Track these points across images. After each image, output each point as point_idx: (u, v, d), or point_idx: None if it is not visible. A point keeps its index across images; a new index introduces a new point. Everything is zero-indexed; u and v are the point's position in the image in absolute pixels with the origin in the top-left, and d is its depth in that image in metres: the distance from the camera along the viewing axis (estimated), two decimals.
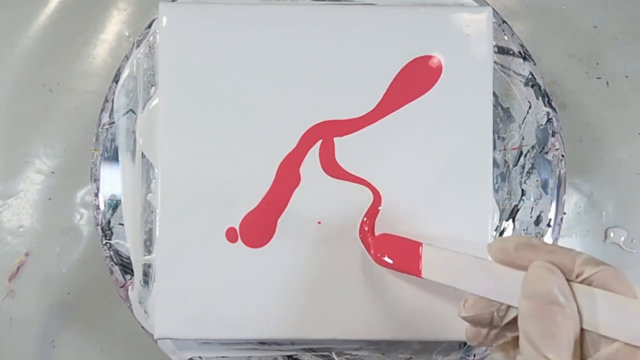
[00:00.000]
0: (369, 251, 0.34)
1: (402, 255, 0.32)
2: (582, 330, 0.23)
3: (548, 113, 0.38)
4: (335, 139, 0.35)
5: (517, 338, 0.25)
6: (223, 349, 0.38)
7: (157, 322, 0.34)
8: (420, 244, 0.31)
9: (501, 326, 0.26)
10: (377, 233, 0.35)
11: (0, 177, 0.41)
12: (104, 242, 0.38)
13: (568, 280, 0.23)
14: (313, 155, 0.35)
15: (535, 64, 0.38)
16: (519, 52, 0.38)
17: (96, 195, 0.38)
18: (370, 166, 0.35)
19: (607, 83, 0.42)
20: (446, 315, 0.34)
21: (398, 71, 0.35)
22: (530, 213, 0.38)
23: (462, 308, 0.27)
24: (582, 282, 0.23)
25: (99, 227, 0.38)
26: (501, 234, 0.38)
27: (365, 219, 0.35)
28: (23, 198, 0.41)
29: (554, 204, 0.38)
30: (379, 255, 0.33)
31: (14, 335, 0.40)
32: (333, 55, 0.35)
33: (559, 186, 0.38)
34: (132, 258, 0.37)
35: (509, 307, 0.25)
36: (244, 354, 0.38)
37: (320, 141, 0.35)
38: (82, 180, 0.41)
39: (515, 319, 0.25)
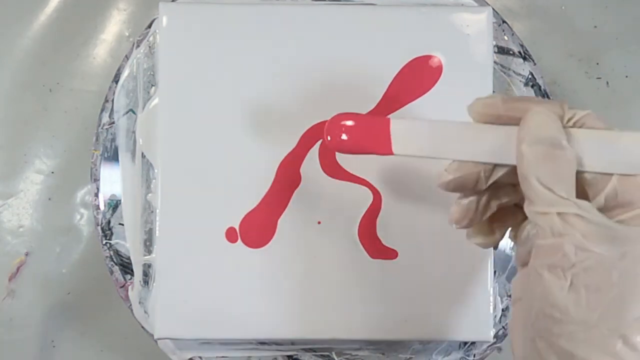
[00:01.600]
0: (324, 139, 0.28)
1: (366, 133, 0.27)
2: (577, 175, 0.23)
3: None
4: None
5: (494, 215, 0.26)
6: (223, 349, 0.38)
7: (157, 322, 0.34)
8: (388, 118, 0.27)
9: (485, 194, 0.26)
10: (379, 233, 0.35)
11: (0, 177, 0.41)
12: (104, 242, 0.38)
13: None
14: (313, 156, 0.35)
15: (535, 64, 0.38)
16: (519, 52, 0.38)
17: (96, 195, 0.38)
18: (370, 166, 0.35)
19: (607, 83, 0.42)
20: (446, 315, 0.35)
21: (398, 71, 0.35)
22: None
23: (444, 173, 0.26)
24: (574, 125, 0.24)
25: (99, 227, 0.38)
26: None
27: (364, 219, 0.35)
28: (23, 198, 0.41)
29: None
30: (332, 137, 0.27)
31: (14, 335, 0.40)
32: (333, 55, 0.35)
33: None
34: (132, 258, 0.37)
35: (494, 166, 0.25)
36: (244, 354, 0.38)
37: (320, 141, 0.35)
38: (82, 180, 0.41)
39: (497, 183, 0.26)
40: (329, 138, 0.27)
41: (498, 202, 0.27)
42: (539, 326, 0.24)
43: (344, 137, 0.27)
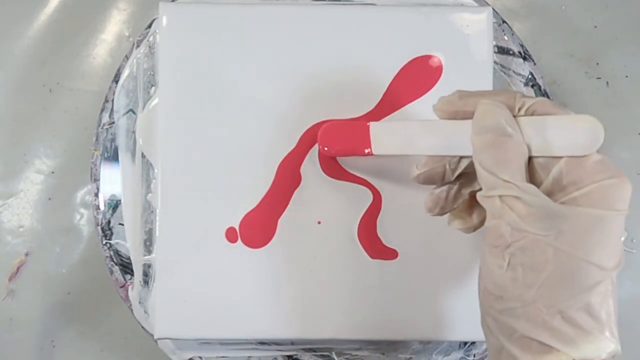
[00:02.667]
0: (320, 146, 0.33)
1: (351, 137, 0.31)
2: (531, 159, 0.25)
3: None
4: None
5: (471, 202, 0.28)
6: (223, 349, 0.38)
7: (157, 322, 0.34)
8: (367, 123, 0.31)
9: (456, 184, 0.28)
10: (378, 231, 0.35)
11: (0, 177, 0.41)
12: (104, 242, 0.38)
13: (513, 115, 0.25)
14: (313, 156, 0.35)
15: (535, 64, 0.38)
16: (519, 52, 0.38)
17: (96, 195, 0.38)
18: (370, 166, 0.35)
19: (607, 83, 0.42)
20: (446, 315, 0.35)
21: (398, 71, 0.35)
22: None
23: (414, 169, 0.28)
24: (524, 113, 0.25)
25: (99, 227, 0.38)
26: None
27: (364, 219, 0.35)
28: (23, 198, 0.41)
29: None
30: (325, 147, 0.33)
31: (14, 335, 0.40)
32: (333, 55, 0.35)
33: None
34: (132, 258, 0.37)
35: (460, 158, 0.27)
36: (244, 354, 0.38)
37: None
38: (82, 180, 0.41)
39: (467, 174, 0.27)
40: (324, 148, 0.32)
41: (470, 189, 0.28)
42: (485, 304, 0.25)
43: (332, 144, 0.32)
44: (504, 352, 0.24)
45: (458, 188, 0.28)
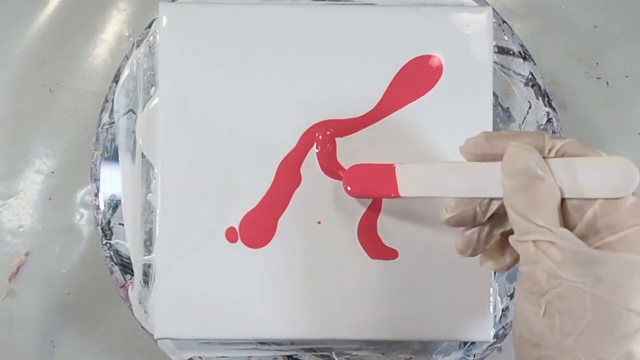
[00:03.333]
0: (343, 185, 0.34)
1: (377, 180, 0.31)
2: (563, 201, 0.24)
3: (548, 113, 0.38)
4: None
5: (503, 241, 0.28)
6: (223, 349, 0.38)
7: (157, 322, 0.34)
8: (393, 165, 0.31)
9: (487, 225, 0.28)
10: (378, 231, 0.35)
11: (0, 177, 0.41)
12: (104, 242, 0.38)
13: (543, 157, 0.25)
14: (313, 156, 0.35)
15: (535, 64, 0.38)
16: (519, 52, 0.38)
17: (96, 195, 0.38)
18: None
19: (607, 83, 0.42)
20: (446, 315, 0.35)
21: (398, 71, 0.35)
22: None
23: (444, 212, 0.28)
24: (555, 155, 0.25)
25: (99, 227, 0.38)
26: None
27: (364, 219, 0.35)
28: (23, 198, 0.41)
29: None
30: (351, 187, 0.33)
31: (14, 335, 0.40)
32: (333, 55, 0.35)
33: None
34: (132, 258, 0.37)
35: (490, 200, 0.27)
36: (244, 354, 0.38)
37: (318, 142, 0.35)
38: (82, 180, 0.41)
39: (498, 215, 0.27)
40: (348, 188, 0.33)
41: (502, 229, 0.28)
42: (522, 350, 0.25)
43: (358, 186, 0.33)
44: None
45: (489, 229, 0.28)
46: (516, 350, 0.25)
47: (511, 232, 0.25)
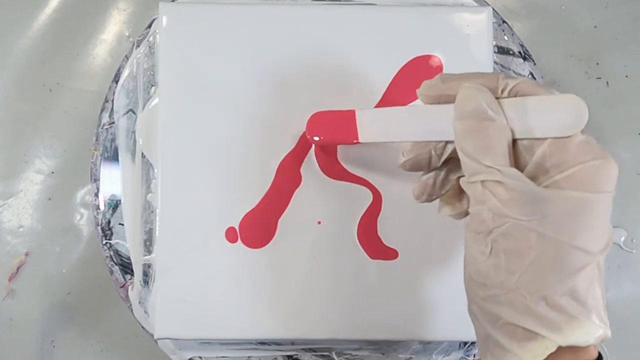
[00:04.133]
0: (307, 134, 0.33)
1: (338, 126, 0.31)
2: (515, 142, 0.24)
3: None
4: None
5: (460, 187, 0.27)
6: (223, 349, 0.38)
7: (157, 322, 0.34)
8: (354, 110, 0.30)
9: (443, 170, 0.27)
10: (379, 231, 0.35)
11: (0, 177, 0.41)
12: (104, 242, 0.38)
13: (496, 98, 0.24)
14: (313, 156, 0.35)
15: (535, 64, 0.38)
16: (519, 52, 0.38)
17: (96, 195, 0.38)
18: (370, 166, 0.35)
19: (607, 83, 0.42)
20: (446, 315, 0.35)
21: (398, 71, 0.35)
22: None
23: (401, 157, 0.28)
24: (508, 95, 0.24)
25: (99, 227, 0.38)
26: None
27: (364, 219, 0.35)
28: (23, 198, 0.41)
29: None
30: (314, 135, 0.32)
31: (14, 335, 0.40)
32: (333, 55, 0.35)
33: None
34: (132, 258, 0.37)
35: (445, 143, 0.26)
36: (244, 354, 0.38)
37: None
38: (82, 180, 0.41)
39: (454, 159, 0.27)
40: (313, 138, 0.32)
41: (458, 174, 0.28)
42: (470, 291, 0.25)
43: (320, 132, 0.32)
44: (490, 340, 0.24)
45: (445, 174, 0.28)
46: (466, 292, 0.25)
47: (462, 177, 0.25)
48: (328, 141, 0.32)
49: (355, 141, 0.30)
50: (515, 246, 0.23)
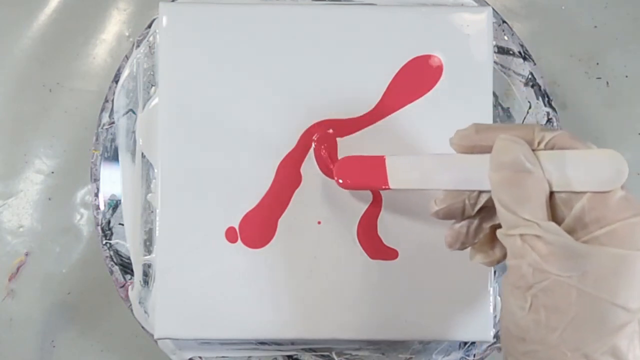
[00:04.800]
0: (333, 177, 0.33)
1: (367, 172, 0.31)
2: (552, 195, 0.24)
3: (548, 113, 0.38)
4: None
5: (492, 235, 0.27)
6: (223, 349, 0.38)
7: (157, 322, 0.34)
8: (384, 156, 0.30)
9: (477, 218, 0.27)
10: (379, 231, 0.35)
11: (0, 177, 0.41)
12: (104, 242, 0.38)
13: (532, 150, 0.24)
14: (313, 156, 0.35)
15: (535, 64, 0.38)
16: (519, 52, 0.38)
17: (96, 195, 0.38)
18: None
19: (607, 83, 0.42)
20: (446, 315, 0.35)
21: (397, 71, 0.35)
22: None
23: (433, 205, 0.27)
24: (544, 147, 0.24)
25: (99, 227, 0.38)
26: None
27: (364, 219, 0.35)
28: (23, 198, 0.41)
29: None
30: (342, 179, 0.32)
31: (14, 335, 0.40)
32: (333, 55, 0.35)
33: None
34: (132, 258, 0.37)
35: (479, 193, 0.26)
36: (244, 354, 0.38)
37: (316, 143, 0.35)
38: (82, 180, 0.41)
39: (487, 208, 0.27)
40: (340, 181, 0.32)
41: (491, 223, 0.27)
42: (508, 344, 0.24)
43: (348, 177, 0.32)
44: None
45: (479, 222, 0.28)
46: (503, 346, 0.25)
47: (500, 225, 0.25)
48: (357, 186, 0.32)
49: (385, 187, 0.30)
50: (556, 302, 0.23)
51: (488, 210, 0.27)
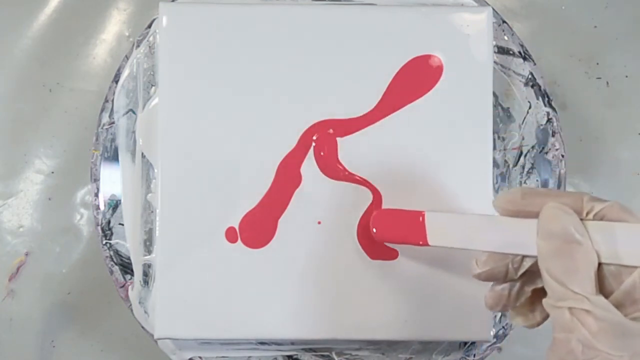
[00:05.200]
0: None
1: (405, 226, 0.31)
2: (600, 266, 0.23)
3: (548, 113, 0.38)
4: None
5: (533, 298, 0.27)
6: (223, 349, 0.38)
7: (157, 322, 0.34)
8: (422, 212, 0.30)
9: (518, 281, 0.27)
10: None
11: (0, 177, 0.41)
12: (104, 242, 0.38)
13: (581, 219, 0.24)
14: (314, 156, 0.35)
15: (535, 64, 0.38)
16: (519, 52, 0.38)
17: (96, 195, 0.38)
18: (370, 166, 0.35)
19: (607, 83, 0.42)
20: (446, 315, 0.35)
21: (397, 71, 0.35)
22: None
23: (475, 266, 0.27)
24: (593, 218, 0.24)
25: (99, 227, 0.38)
26: None
27: (364, 219, 0.35)
28: (23, 198, 0.41)
29: None
30: (378, 230, 0.32)
31: (14, 335, 0.40)
32: (333, 55, 0.35)
33: (559, 186, 0.38)
34: (132, 258, 0.37)
35: (523, 257, 0.26)
36: (244, 354, 0.38)
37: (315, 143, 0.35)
38: (82, 180, 0.41)
39: (530, 271, 0.26)
40: (374, 231, 0.32)
41: (533, 286, 0.27)
42: None
43: (385, 230, 0.32)
44: None
45: (520, 285, 0.27)
46: None
47: (543, 289, 0.24)
48: (393, 239, 0.32)
49: (422, 243, 0.30)
50: None
51: (531, 274, 0.27)
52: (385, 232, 0.32)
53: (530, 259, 0.26)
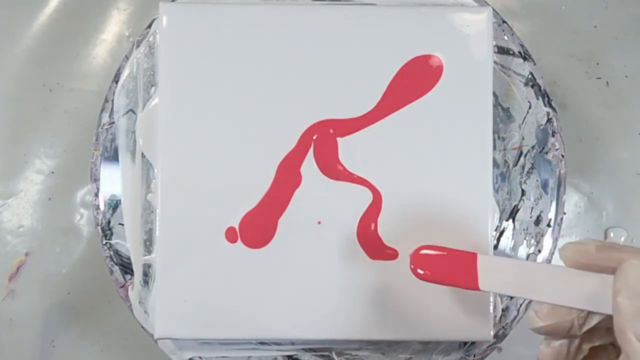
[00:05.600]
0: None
1: (453, 267, 0.28)
2: None
3: (548, 113, 0.38)
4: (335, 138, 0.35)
5: (590, 356, 0.25)
6: (223, 349, 0.38)
7: (157, 322, 0.34)
8: (475, 254, 0.28)
9: (578, 338, 0.26)
10: (379, 231, 0.35)
11: (0, 177, 0.41)
12: (104, 242, 0.38)
13: None
14: (314, 156, 0.35)
15: (535, 64, 0.38)
16: (519, 52, 0.38)
17: (96, 195, 0.38)
18: (370, 166, 0.35)
19: (607, 83, 0.42)
20: (446, 315, 0.35)
21: (397, 71, 0.35)
22: (530, 213, 0.38)
23: (535, 318, 0.26)
24: None
25: (99, 227, 0.38)
26: (501, 234, 0.38)
27: (364, 219, 0.35)
28: (23, 198, 0.41)
29: (554, 204, 0.38)
30: (422, 271, 0.29)
31: (14, 335, 0.40)
32: (333, 54, 0.35)
33: (559, 186, 0.38)
34: (132, 258, 0.37)
35: (588, 313, 0.25)
36: (244, 354, 0.38)
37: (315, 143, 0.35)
38: (82, 180, 0.41)
39: (594, 328, 0.25)
40: (419, 272, 0.29)
41: (591, 344, 0.26)
42: None
43: (429, 268, 0.29)
44: None
45: (579, 342, 0.26)
46: None
47: (601, 347, 0.24)
48: (437, 280, 0.29)
49: (472, 288, 0.28)
50: None
51: (591, 331, 0.25)
52: (430, 272, 0.29)
53: (597, 316, 0.25)
